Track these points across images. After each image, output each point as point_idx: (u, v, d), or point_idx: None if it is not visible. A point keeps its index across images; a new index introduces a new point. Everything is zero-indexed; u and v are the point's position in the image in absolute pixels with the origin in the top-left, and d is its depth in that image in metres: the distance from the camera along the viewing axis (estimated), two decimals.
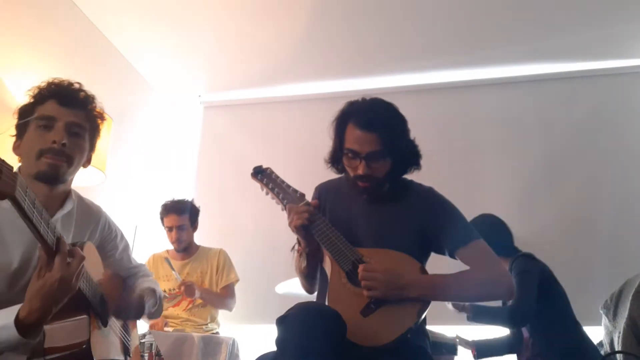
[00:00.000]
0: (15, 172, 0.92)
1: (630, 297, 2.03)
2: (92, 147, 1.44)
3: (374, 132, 1.47)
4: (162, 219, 3.08)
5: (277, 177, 1.61)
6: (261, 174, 1.62)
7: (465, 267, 1.50)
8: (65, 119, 1.32)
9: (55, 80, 1.38)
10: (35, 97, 1.36)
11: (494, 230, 2.57)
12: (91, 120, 1.41)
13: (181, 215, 3.03)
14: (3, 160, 0.90)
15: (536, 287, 2.36)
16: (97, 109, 1.44)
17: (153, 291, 1.60)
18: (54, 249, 1.07)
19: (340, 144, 1.54)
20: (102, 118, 1.46)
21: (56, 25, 2.94)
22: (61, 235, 1.10)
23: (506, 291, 1.45)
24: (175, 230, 3.02)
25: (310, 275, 1.61)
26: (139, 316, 1.59)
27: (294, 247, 1.62)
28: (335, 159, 1.60)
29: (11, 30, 2.60)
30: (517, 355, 2.53)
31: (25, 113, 1.36)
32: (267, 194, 1.61)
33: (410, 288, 1.39)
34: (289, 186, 1.59)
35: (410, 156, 1.56)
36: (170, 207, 3.05)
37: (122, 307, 1.48)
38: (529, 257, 2.47)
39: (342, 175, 1.64)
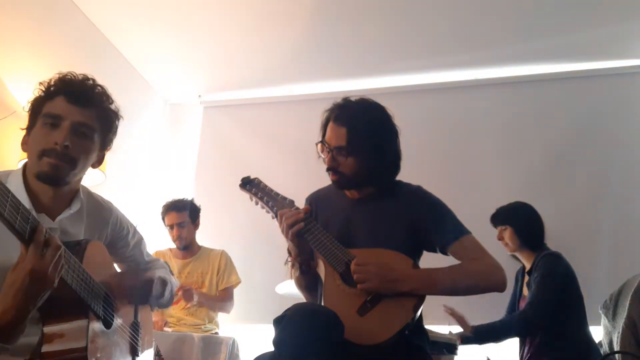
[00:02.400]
0: None
1: (629, 297, 2.03)
2: (104, 146, 1.36)
3: (344, 127, 1.50)
4: (163, 218, 3.09)
5: (266, 186, 1.62)
6: (249, 184, 1.63)
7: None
8: (71, 118, 1.24)
9: (68, 75, 1.30)
10: (45, 91, 1.28)
11: (533, 220, 2.55)
12: (102, 119, 1.32)
13: (180, 212, 3.05)
14: None
15: (558, 290, 2.34)
16: (112, 107, 1.35)
17: (163, 280, 1.52)
18: (26, 237, 0.97)
19: (323, 137, 1.57)
20: (117, 116, 1.37)
21: (56, 25, 2.94)
22: (39, 225, 0.99)
23: (498, 283, 1.45)
24: (176, 227, 3.04)
25: (310, 287, 1.61)
26: (144, 299, 1.48)
27: (287, 261, 1.62)
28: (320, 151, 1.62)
29: (11, 30, 2.60)
30: (520, 347, 2.52)
31: (34, 107, 1.29)
32: (256, 203, 1.62)
33: (402, 282, 1.41)
34: (277, 194, 1.59)
35: (384, 162, 1.54)
36: (169, 206, 3.08)
37: (126, 289, 1.41)
38: (557, 257, 2.43)
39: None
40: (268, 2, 3.08)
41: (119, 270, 1.58)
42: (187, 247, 3.09)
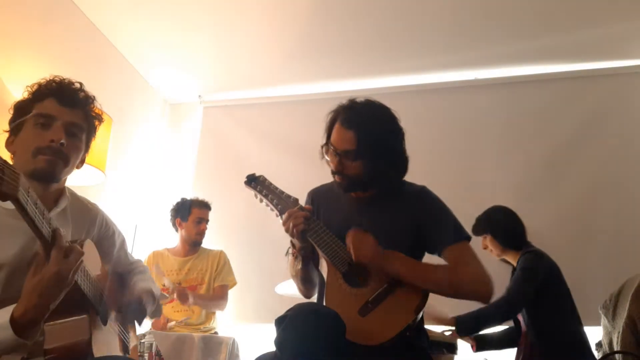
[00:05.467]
0: (17, 173, 0.91)
1: (629, 298, 2.03)
2: (87, 148, 1.42)
3: (352, 131, 1.49)
4: (190, 209, 3.17)
5: (270, 183, 1.63)
6: (254, 181, 1.64)
7: None
8: (64, 118, 1.30)
9: (56, 79, 1.35)
10: (34, 93, 1.33)
11: (507, 222, 2.59)
12: (89, 120, 1.39)
13: (209, 210, 3.23)
14: (5, 162, 0.88)
15: (535, 286, 2.37)
16: (96, 110, 1.42)
17: (151, 292, 1.57)
18: (49, 241, 1.05)
19: (328, 139, 1.57)
20: (100, 119, 1.44)
21: (56, 25, 2.94)
22: (58, 229, 1.07)
23: (483, 292, 1.45)
24: (204, 223, 3.17)
25: (307, 279, 1.63)
26: (141, 319, 1.55)
27: (287, 252, 1.63)
28: (325, 153, 1.61)
29: (11, 30, 2.60)
30: (517, 348, 2.53)
31: (22, 109, 1.33)
32: (261, 201, 1.63)
33: (391, 260, 1.43)
34: (282, 192, 1.60)
35: (392, 164, 1.54)
36: (202, 202, 3.22)
37: (123, 310, 1.47)
38: (538, 254, 2.46)
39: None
40: (268, 2, 3.08)
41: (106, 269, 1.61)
42: (200, 244, 3.17)
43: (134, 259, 1.71)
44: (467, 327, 2.40)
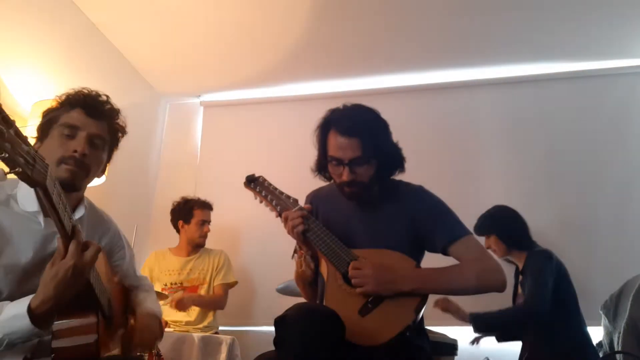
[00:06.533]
0: (47, 164, 0.96)
1: (630, 298, 2.03)
2: (108, 159, 1.46)
3: (355, 138, 1.48)
4: (192, 211, 3.15)
5: (270, 184, 1.64)
6: (254, 182, 1.65)
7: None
8: (88, 129, 1.35)
9: (84, 90, 1.40)
10: (62, 103, 1.38)
11: (513, 222, 2.58)
12: (112, 132, 1.43)
13: (211, 212, 3.21)
14: (37, 152, 0.92)
15: (551, 285, 2.35)
16: (120, 123, 1.46)
17: (157, 317, 1.59)
18: (69, 235, 1.09)
19: (324, 152, 1.56)
20: (124, 132, 1.48)
21: (56, 25, 2.94)
22: (77, 225, 1.11)
23: (498, 283, 1.46)
24: (207, 225, 3.16)
25: (313, 284, 1.62)
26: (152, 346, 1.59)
27: (294, 255, 1.63)
28: (321, 167, 1.62)
29: (11, 30, 2.60)
30: (521, 347, 2.52)
31: (50, 117, 1.37)
32: (260, 202, 1.64)
33: (402, 281, 1.41)
34: (281, 193, 1.61)
35: (394, 159, 1.57)
36: (205, 203, 3.20)
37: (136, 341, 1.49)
38: (547, 254, 2.45)
39: (332, 181, 1.65)
40: (268, 1, 3.08)
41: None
42: (203, 245, 3.17)
43: (141, 275, 1.74)
44: (484, 327, 2.37)
